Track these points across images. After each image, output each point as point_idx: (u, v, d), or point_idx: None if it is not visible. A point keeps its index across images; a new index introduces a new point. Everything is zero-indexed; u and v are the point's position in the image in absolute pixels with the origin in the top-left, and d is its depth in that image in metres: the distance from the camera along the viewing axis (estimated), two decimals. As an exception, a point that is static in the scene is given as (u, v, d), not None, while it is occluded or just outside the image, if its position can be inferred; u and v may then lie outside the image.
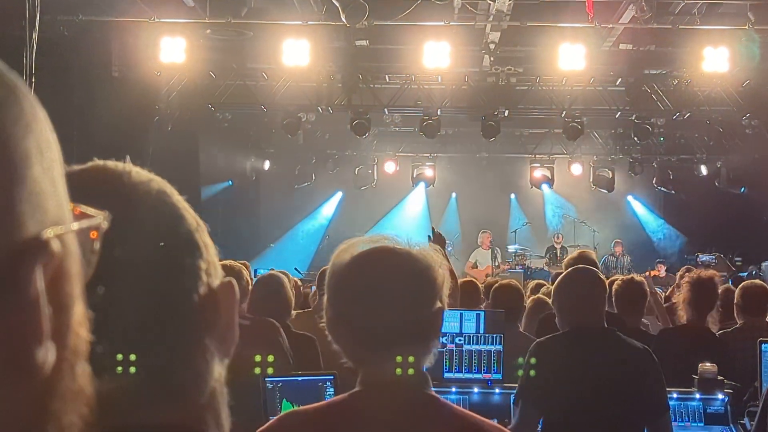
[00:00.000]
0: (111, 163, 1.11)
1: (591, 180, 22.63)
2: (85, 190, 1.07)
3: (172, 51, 14.94)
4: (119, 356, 1.02)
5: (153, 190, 1.10)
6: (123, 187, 1.08)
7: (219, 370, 1.14)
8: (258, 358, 5.18)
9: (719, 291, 6.39)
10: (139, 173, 1.11)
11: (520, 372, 4.48)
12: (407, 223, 22.85)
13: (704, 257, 16.56)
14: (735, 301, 6.71)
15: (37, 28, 10.77)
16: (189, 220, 1.12)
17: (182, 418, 1.08)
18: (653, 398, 4.18)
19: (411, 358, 2.18)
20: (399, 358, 2.14)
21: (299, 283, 9.93)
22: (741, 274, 15.01)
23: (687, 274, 6.76)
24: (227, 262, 6.09)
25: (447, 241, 15.06)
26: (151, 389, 1.06)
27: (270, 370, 5.16)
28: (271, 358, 5.22)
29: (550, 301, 7.24)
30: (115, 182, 1.08)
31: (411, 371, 2.20)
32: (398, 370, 2.16)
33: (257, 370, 5.00)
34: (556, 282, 4.71)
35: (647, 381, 4.20)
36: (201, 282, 1.10)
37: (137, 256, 1.04)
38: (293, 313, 6.42)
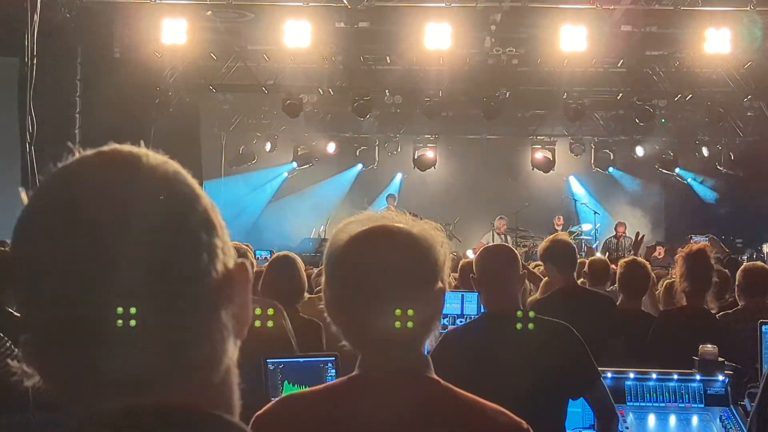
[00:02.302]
0: (127, 147, 1.12)
1: (592, 161, 22.61)
2: (106, 173, 1.08)
3: (173, 32, 14.92)
4: (140, 330, 1.04)
5: (170, 171, 1.12)
6: (142, 168, 1.10)
7: (233, 349, 1.15)
8: (257, 323, 5.19)
9: (713, 264, 6.34)
10: (155, 156, 1.13)
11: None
12: (407, 203, 22.78)
13: (697, 238, 16.52)
14: (737, 282, 6.71)
15: (38, 10, 10.76)
16: (205, 199, 1.14)
17: (196, 397, 1.09)
18: (581, 370, 4.14)
19: (411, 340, 2.14)
20: (397, 330, 2.08)
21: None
22: (736, 256, 14.97)
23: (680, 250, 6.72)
24: (232, 243, 6.06)
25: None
26: (168, 364, 1.07)
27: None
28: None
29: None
30: (134, 164, 1.10)
31: (411, 354, 2.16)
32: (398, 352, 2.12)
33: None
34: (474, 264, 4.46)
35: (570, 356, 4.13)
36: (218, 259, 1.12)
37: (158, 233, 1.06)
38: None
